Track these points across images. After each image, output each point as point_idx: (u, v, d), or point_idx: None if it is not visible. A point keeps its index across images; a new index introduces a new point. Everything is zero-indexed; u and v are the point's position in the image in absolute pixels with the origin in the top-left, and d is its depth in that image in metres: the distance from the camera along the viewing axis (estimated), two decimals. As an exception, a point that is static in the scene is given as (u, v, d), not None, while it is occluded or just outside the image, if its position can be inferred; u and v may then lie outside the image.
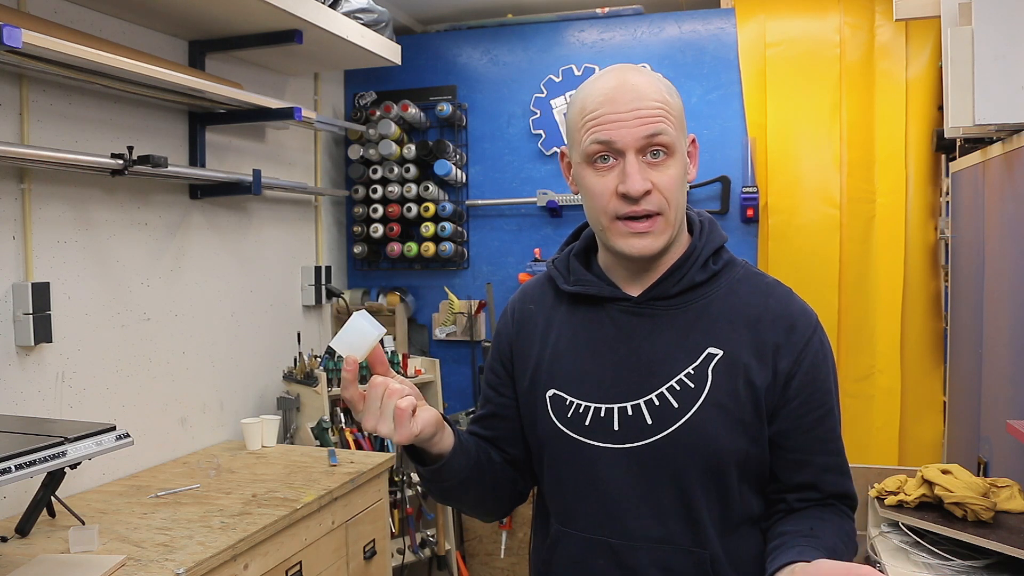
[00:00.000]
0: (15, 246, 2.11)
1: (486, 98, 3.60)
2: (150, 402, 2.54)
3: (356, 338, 1.05)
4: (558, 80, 3.50)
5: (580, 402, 1.17)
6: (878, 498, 1.90)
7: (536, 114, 3.53)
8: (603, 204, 1.13)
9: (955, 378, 2.75)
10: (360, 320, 1.06)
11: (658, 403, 1.13)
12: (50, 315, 2.13)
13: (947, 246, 2.96)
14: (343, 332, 1.05)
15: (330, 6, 2.69)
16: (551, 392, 1.20)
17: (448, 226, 3.50)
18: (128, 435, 1.88)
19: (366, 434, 2.98)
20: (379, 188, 3.56)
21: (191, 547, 1.81)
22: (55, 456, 1.68)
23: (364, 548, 2.48)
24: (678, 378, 1.13)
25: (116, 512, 2.07)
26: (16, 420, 1.95)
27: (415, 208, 3.52)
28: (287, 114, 2.71)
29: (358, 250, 3.65)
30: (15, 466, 1.58)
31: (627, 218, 1.12)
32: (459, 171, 3.58)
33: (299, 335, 3.23)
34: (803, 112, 3.25)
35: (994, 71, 1.94)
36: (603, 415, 1.15)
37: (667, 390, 1.13)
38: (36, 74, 2.10)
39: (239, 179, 2.73)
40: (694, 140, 1.20)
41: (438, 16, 3.70)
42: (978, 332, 2.32)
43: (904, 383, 3.19)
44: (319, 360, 3.06)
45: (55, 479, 1.88)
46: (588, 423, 1.16)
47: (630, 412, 1.14)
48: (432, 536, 3.28)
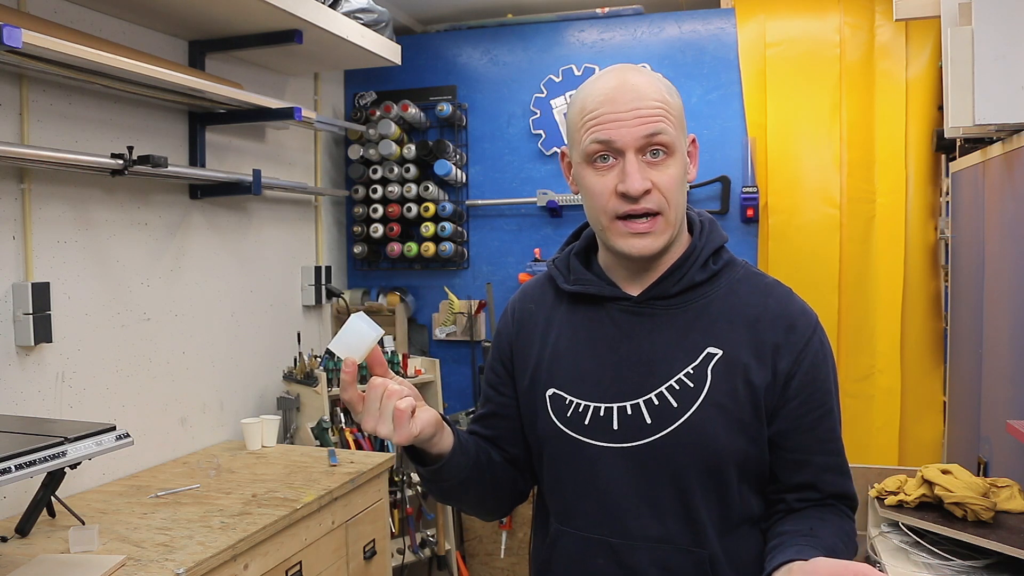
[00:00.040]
0: (15, 246, 2.11)
1: (486, 98, 3.60)
2: (150, 402, 2.54)
3: (354, 340, 1.05)
4: (558, 80, 3.50)
5: (580, 401, 1.17)
6: (878, 498, 1.90)
7: (536, 114, 3.53)
8: (603, 204, 1.13)
9: (955, 378, 2.75)
10: (358, 322, 1.06)
11: (657, 403, 1.13)
12: (50, 315, 2.13)
13: (947, 246, 2.96)
14: (341, 334, 1.05)
15: (330, 6, 2.69)
16: (551, 391, 1.21)
17: (448, 226, 3.50)
18: (128, 435, 1.88)
19: (366, 434, 2.98)
20: (379, 188, 3.56)
21: (191, 547, 1.81)
22: (55, 456, 1.68)
23: (364, 548, 2.48)
24: (677, 378, 1.13)
25: (116, 512, 2.07)
26: (16, 420, 1.95)
27: (415, 208, 3.52)
28: (287, 114, 2.71)
29: (358, 250, 3.65)
30: (15, 466, 1.58)
31: (627, 217, 1.12)
32: (459, 171, 3.58)
33: (299, 335, 3.23)
34: (803, 112, 3.25)
35: (994, 71, 1.94)
36: (603, 414, 1.15)
37: (666, 390, 1.13)
38: (36, 74, 2.10)
39: (239, 179, 2.73)
40: (694, 140, 1.20)
41: (438, 16, 3.70)
42: (978, 332, 2.32)
43: (904, 383, 3.19)
44: (319, 360, 3.06)
45: (55, 479, 1.88)
46: (588, 422, 1.16)
47: (629, 411, 1.14)
48: (432, 536, 3.28)
